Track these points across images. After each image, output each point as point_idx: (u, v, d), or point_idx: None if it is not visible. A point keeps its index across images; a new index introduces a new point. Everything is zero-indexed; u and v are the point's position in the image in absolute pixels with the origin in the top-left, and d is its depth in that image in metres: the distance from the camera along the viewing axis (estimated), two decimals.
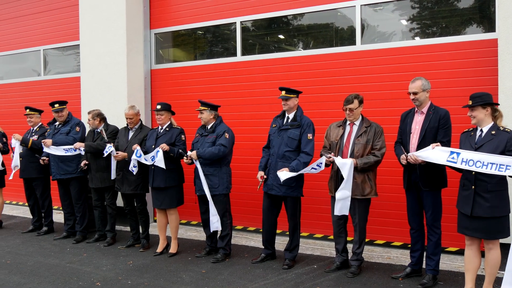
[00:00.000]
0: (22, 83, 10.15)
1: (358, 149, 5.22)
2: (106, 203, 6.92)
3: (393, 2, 6.43)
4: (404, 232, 5.66)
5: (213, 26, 7.87)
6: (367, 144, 5.22)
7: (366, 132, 5.26)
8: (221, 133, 5.93)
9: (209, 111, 6.03)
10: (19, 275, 5.64)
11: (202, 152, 5.85)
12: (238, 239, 7.02)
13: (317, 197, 6.64)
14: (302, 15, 7.15)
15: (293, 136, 5.58)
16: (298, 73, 6.97)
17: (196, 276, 5.44)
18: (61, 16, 9.42)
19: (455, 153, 4.33)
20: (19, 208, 9.91)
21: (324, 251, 6.37)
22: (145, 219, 6.69)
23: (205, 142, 5.97)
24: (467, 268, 4.52)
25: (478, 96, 4.37)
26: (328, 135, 5.54)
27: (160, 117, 6.26)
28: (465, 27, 6.11)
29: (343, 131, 5.39)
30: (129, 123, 6.56)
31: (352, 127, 5.37)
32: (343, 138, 5.36)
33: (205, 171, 5.93)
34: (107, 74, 8.11)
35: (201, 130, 6.16)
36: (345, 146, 5.32)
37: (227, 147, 5.88)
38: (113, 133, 6.85)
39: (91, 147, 6.71)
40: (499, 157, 4.10)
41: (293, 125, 5.63)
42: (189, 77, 7.99)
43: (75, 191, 7.14)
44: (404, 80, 5.88)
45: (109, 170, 6.64)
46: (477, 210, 4.26)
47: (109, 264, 5.97)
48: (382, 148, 5.24)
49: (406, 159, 4.78)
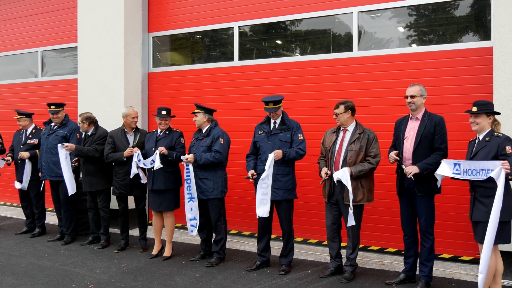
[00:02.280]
0: (19, 84, 10.15)
1: (351, 155, 5.22)
2: (99, 207, 6.87)
3: (390, 9, 6.47)
4: (398, 238, 5.67)
5: (211, 30, 7.89)
6: (360, 151, 5.23)
7: (359, 138, 5.27)
8: (216, 137, 5.94)
9: (202, 114, 6.05)
10: (12, 276, 5.62)
11: (198, 158, 5.85)
12: (233, 244, 7.02)
13: (312, 202, 6.65)
14: (299, 21, 7.18)
15: (285, 139, 5.61)
16: (295, 78, 6.99)
17: (190, 280, 5.43)
18: (59, 18, 9.42)
19: (457, 164, 4.37)
20: (13, 209, 9.87)
21: (319, 256, 6.37)
22: (144, 220, 6.73)
23: (200, 146, 5.98)
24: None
25: (483, 104, 4.41)
26: (324, 141, 5.56)
27: (165, 122, 6.29)
28: (462, 35, 6.16)
29: (336, 137, 5.41)
30: (135, 123, 6.62)
31: (345, 133, 5.39)
32: (335, 144, 5.38)
33: (199, 175, 5.94)
34: (104, 76, 8.11)
35: (197, 134, 6.18)
36: (337, 152, 5.34)
37: (222, 154, 5.89)
38: (101, 138, 6.73)
39: (81, 152, 6.68)
40: (484, 163, 4.18)
41: (283, 129, 5.66)
42: (187, 80, 8.00)
43: (63, 194, 7.09)
44: (401, 86, 5.91)
45: (97, 175, 6.71)
46: (476, 215, 4.32)
47: (102, 267, 5.95)
48: (377, 156, 5.24)
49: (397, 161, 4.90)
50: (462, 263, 5.92)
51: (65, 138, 7.06)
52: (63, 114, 7.19)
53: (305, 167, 6.36)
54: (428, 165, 4.80)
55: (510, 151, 4.19)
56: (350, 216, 5.12)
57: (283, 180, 5.59)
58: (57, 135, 7.09)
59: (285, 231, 5.74)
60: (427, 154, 4.86)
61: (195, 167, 5.93)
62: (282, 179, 5.59)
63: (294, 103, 6.83)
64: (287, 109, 6.06)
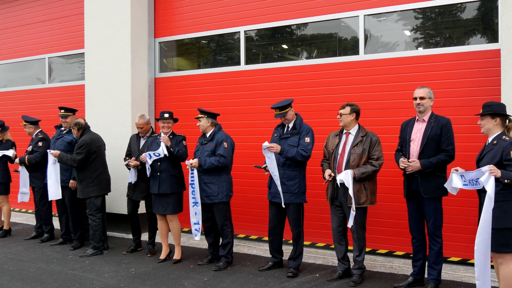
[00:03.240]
0: (27, 91, 10.21)
1: (354, 158, 5.24)
2: (87, 214, 6.83)
3: (396, 12, 6.47)
4: (406, 241, 5.65)
5: (217, 35, 7.92)
6: (363, 154, 5.25)
7: (362, 141, 5.29)
8: (220, 141, 5.96)
9: (206, 119, 6.08)
10: (21, 281, 5.64)
11: (203, 162, 5.87)
12: (240, 247, 7.02)
13: (319, 206, 6.63)
14: (305, 25, 7.20)
15: (293, 143, 5.61)
16: (302, 82, 7.00)
17: (198, 284, 5.44)
18: (66, 24, 9.48)
19: (462, 175, 4.31)
20: (22, 215, 9.93)
21: (327, 260, 6.36)
22: (153, 225, 6.73)
23: (204, 151, 6.00)
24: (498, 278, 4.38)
25: (488, 105, 4.33)
26: (327, 144, 5.59)
27: (168, 125, 6.31)
28: (468, 37, 6.14)
29: (339, 140, 5.43)
30: (140, 132, 6.68)
31: (348, 136, 5.42)
32: (338, 147, 5.41)
33: (204, 179, 5.95)
34: (111, 82, 8.15)
35: (201, 139, 6.21)
36: (340, 155, 5.36)
37: (226, 158, 5.91)
38: (80, 146, 6.63)
39: (61, 160, 6.69)
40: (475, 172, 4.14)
41: (293, 133, 5.68)
42: (193, 85, 8.03)
43: (67, 199, 7.12)
44: (407, 90, 5.90)
45: (83, 182, 6.73)
46: None
47: (111, 271, 5.97)
48: (380, 158, 5.25)
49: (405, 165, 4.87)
50: (471, 266, 5.84)
51: (71, 144, 7.10)
52: (71, 119, 7.18)
53: (312, 171, 6.34)
54: (430, 164, 4.81)
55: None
56: (351, 216, 5.13)
57: (288, 184, 5.60)
58: (64, 140, 7.15)
59: (294, 235, 5.74)
60: (433, 156, 4.85)
61: (200, 172, 5.95)
62: (287, 183, 5.60)
63: (301, 107, 6.81)
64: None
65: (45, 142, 7.49)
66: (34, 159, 7.38)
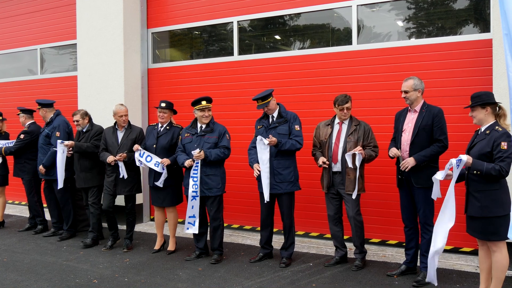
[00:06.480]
0: (19, 82, 10.15)
1: (350, 146, 5.36)
2: (89, 202, 6.74)
3: (389, 3, 6.48)
4: (399, 230, 5.69)
5: (210, 25, 7.89)
6: (358, 142, 5.36)
7: (356, 130, 5.42)
8: (222, 133, 5.91)
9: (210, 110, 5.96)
10: (15, 272, 5.65)
11: (209, 154, 5.74)
12: (234, 238, 7.05)
13: (312, 195, 6.67)
14: (298, 15, 7.19)
15: (284, 132, 5.63)
16: (294, 72, 7.00)
17: (192, 274, 5.47)
18: (58, 15, 9.42)
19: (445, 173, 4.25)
20: (15, 207, 9.91)
21: (320, 249, 6.41)
22: (132, 219, 6.64)
23: (204, 142, 5.85)
24: (480, 268, 4.43)
25: (477, 96, 4.32)
26: (317, 134, 5.64)
27: (163, 115, 6.27)
28: (461, 27, 6.17)
29: (331, 130, 5.49)
30: (123, 121, 6.47)
31: (341, 125, 5.50)
32: (331, 137, 5.48)
33: (207, 171, 5.82)
34: (104, 73, 8.12)
35: (192, 130, 6.00)
36: (335, 144, 5.45)
37: (229, 150, 5.91)
38: (97, 134, 6.75)
39: (80, 149, 6.66)
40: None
41: (280, 122, 5.69)
42: (186, 76, 8.01)
43: (57, 191, 7.09)
44: (400, 79, 5.86)
45: (93, 170, 6.71)
46: (470, 210, 4.23)
47: (105, 262, 5.99)
48: (377, 146, 5.43)
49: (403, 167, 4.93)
50: (463, 254, 5.96)
51: (48, 137, 7.09)
52: (45, 112, 7.19)
53: (304, 161, 6.38)
54: (424, 157, 4.85)
55: (505, 147, 4.05)
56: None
57: (284, 173, 5.62)
58: (43, 134, 7.18)
59: (286, 225, 5.77)
60: (425, 146, 4.89)
61: (202, 164, 5.80)
62: (283, 172, 5.61)
63: (294, 97, 6.85)
64: (287, 103, 6.08)
65: (27, 135, 7.43)
66: (9, 150, 7.40)
